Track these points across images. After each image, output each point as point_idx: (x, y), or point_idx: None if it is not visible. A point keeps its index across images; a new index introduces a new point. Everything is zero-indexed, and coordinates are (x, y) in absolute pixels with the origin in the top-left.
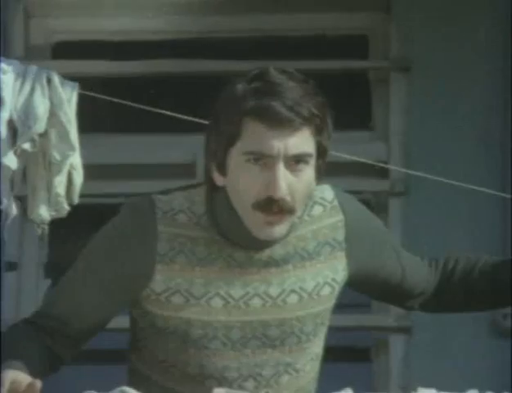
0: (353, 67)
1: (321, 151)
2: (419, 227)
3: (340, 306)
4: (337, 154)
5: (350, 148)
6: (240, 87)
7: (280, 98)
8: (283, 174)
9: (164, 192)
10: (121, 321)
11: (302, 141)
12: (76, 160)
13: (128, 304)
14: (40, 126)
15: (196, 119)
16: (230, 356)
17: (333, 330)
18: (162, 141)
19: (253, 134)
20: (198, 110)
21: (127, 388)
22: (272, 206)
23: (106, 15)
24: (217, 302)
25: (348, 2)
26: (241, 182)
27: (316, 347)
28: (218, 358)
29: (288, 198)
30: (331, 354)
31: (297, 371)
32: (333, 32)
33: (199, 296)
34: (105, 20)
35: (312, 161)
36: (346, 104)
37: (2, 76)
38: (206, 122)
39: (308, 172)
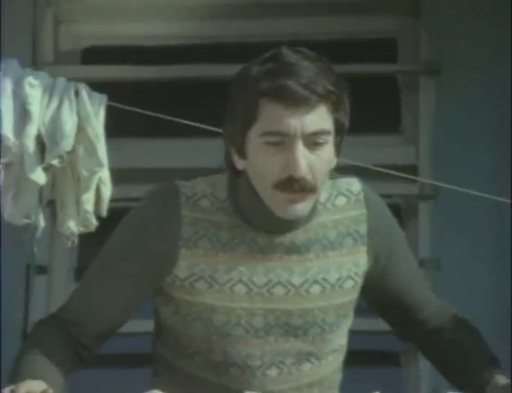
0: (382, 71)
1: (339, 128)
2: (448, 230)
3: (370, 310)
4: (355, 163)
5: (379, 152)
6: (254, 69)
7: (295, 77)
8: (302, 153)
9: (187, 179)
10: (140, 325)
11: (319, 118)
12: (104, 174)
13: (152, 291)
14: (68, 143)
15: (210, 128)
16: (253, 343)
17: (363, 334)
18: (189, 145)
19: (269, 115)
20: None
21: (158, 391)
22: (294, 185)
23: (135, 20)
24: (241, 289)
25: (377, 6)
26: (261, 164)
27: (340, 338)
28: (242, 345)
29: (309, 177)
30: (361, 358)
31: (319, 360)
32: (361, 35)
33: (222, 282)
34: (134, 25)
35: (331, 139)
36: (375, 108)
37: (30, 90)
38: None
39: (327, 150)
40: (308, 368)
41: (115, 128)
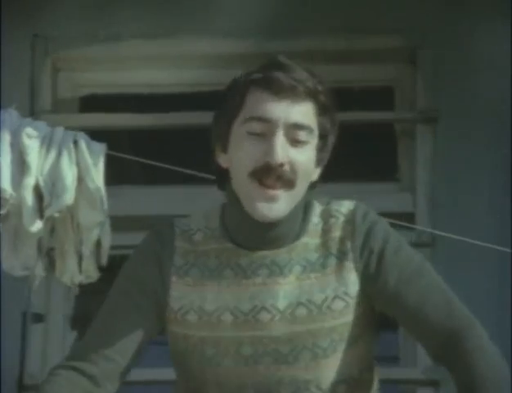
0: (379, 119)
1: (323, 135)
2: (445, 278)
3: None
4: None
5: (376, 199)
6: (246, 71)
7: (286, 71)
8: (281, 141)
9: (185, 217)
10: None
11: (304, 113)
12: (105, 224)
13: (158, 325)
14: (70, 196)
15: (208, 176)
16: (243, 373)
17: None
18: (190, 192)
19: (255, 101)
20: None
21: None
22: (270, 174)
23: (132, 69)
24: (227, 317)
25: (374, 54)
26: (241, 153)
27: (346, 367)
28: (234, 375)
29: (286, 168)
30: None
31: (321, 390)
32: (359, 83)
33: (210, 312)
34: (132, 74)
35: (314, 141)
36: (372, 156)
37: (28, 141)
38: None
39: (309, 149)
40: None
41: (112, 175)
